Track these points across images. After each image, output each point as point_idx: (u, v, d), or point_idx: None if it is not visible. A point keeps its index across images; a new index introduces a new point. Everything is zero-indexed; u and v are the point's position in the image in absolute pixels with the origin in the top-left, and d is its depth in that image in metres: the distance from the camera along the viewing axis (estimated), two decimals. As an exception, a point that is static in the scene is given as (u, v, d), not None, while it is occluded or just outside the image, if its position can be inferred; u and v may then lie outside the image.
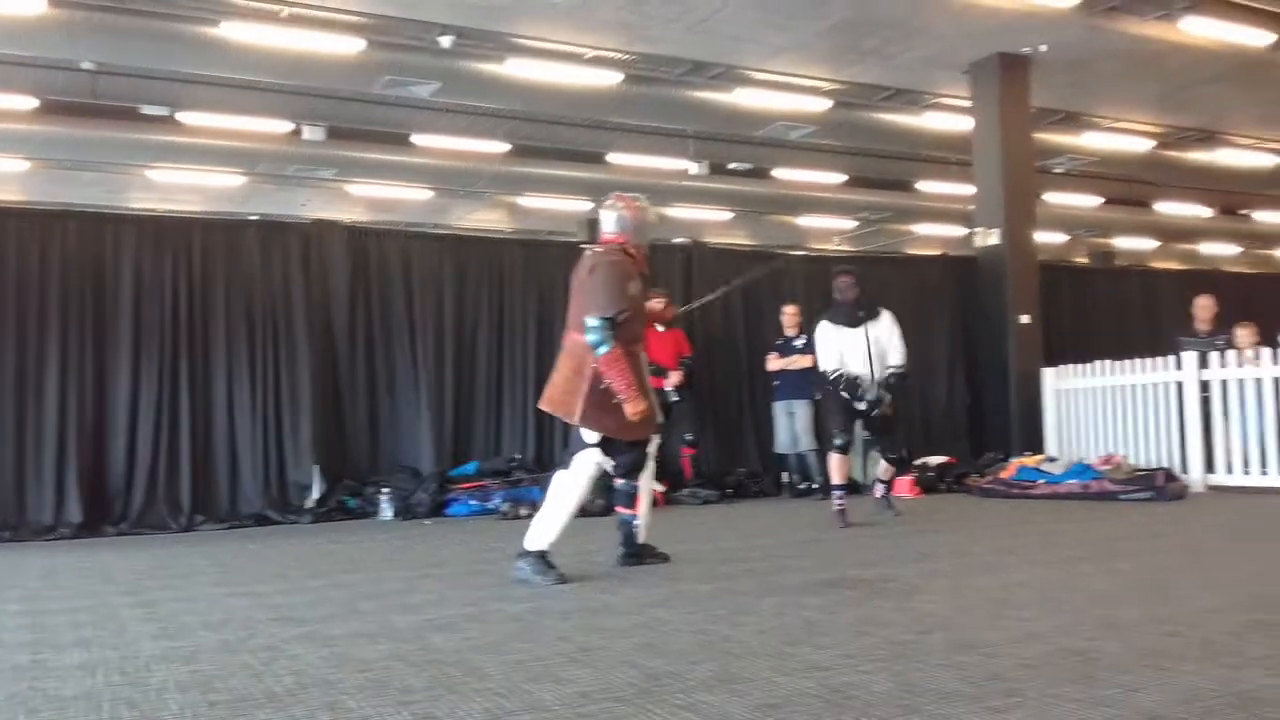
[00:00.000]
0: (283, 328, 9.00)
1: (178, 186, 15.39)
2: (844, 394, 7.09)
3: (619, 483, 5.17)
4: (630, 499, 5.14)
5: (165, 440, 8.43)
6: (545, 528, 4.79)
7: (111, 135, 12.78)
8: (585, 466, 4.89)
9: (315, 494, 8.82)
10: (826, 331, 7.26)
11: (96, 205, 15.09)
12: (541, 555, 4.75)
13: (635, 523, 5.17)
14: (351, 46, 10.74)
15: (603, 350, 4.74)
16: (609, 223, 5.15)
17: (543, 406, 5.05)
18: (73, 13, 9.80)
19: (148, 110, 12.77)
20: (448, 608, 4.13)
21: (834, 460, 7.22)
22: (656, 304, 9.70)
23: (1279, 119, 15.04)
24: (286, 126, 13.63)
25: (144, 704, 2.80)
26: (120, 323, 8.46)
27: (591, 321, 4.76)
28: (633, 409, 4.74)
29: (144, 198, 16.27)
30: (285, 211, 16.72)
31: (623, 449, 4.99)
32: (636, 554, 5.20)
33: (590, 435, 4.89)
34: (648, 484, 5.24)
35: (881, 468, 7.66)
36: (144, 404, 8.42)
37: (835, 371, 7.11)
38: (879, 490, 7.65)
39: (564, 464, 4.97)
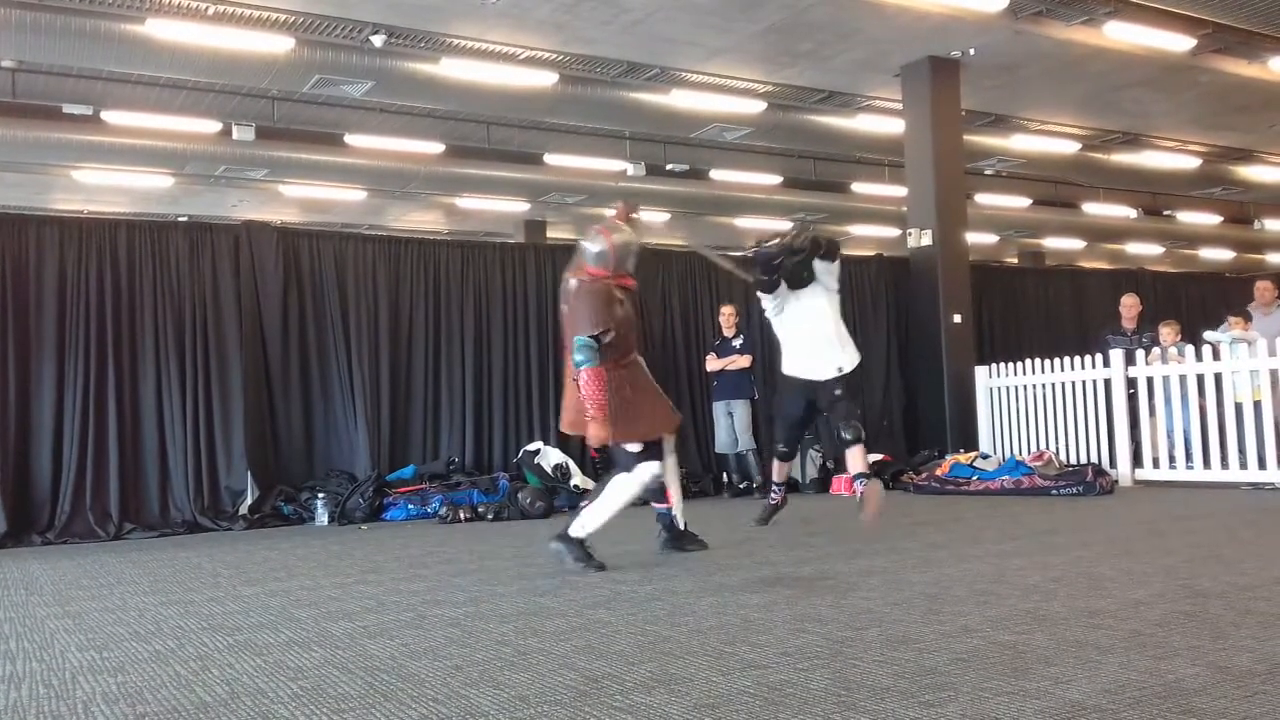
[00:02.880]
0: (213, 331, 8.83)
1: (104, 187, 15.06)
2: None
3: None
4: (660, 493, 5.60)
5: (92, 446, 8.23)
6: (593, 519, 5.10)
7: (33, 135, 12.46)
8: (645, 474, 5.18)
9: (249, 500, 8.67)
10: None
11: (19, 206, 14.76)
12: (581, 543, 5.07)
13: (672, 514, 5.63)
14: (281, 45, 10.57)
15: (586, 366, 5.01)
16: (590, 256, 5.31)
17: (566, 429, 5.62)
18: (-9, 10, 9.55)
19: (70, 109, 12.46)
20: (384, 614, 4.09)
21: (775, 464, 7.10)
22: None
23: (1200, 122, 15.46)
24: (215, 126, 13.38)
25: (70, 717, 2.73)
26: (44, 327, 8.24)
27: (578, 340, 5.05)
28: (596, 430, 5.05)
29: (68, 199, 15.91)
30: (215, 213, 16.48)
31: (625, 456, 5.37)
32: (677, 540, 5.64)
33: (634, 445, 5.20)
34: (673, 476, 5.62)
35: (848, 459, 6.63)
36: (70, 409, 8.22)
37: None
38: (857, 486, 6.42)
39: (626, 467, 5.23)
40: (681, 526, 5.67)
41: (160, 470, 8.50)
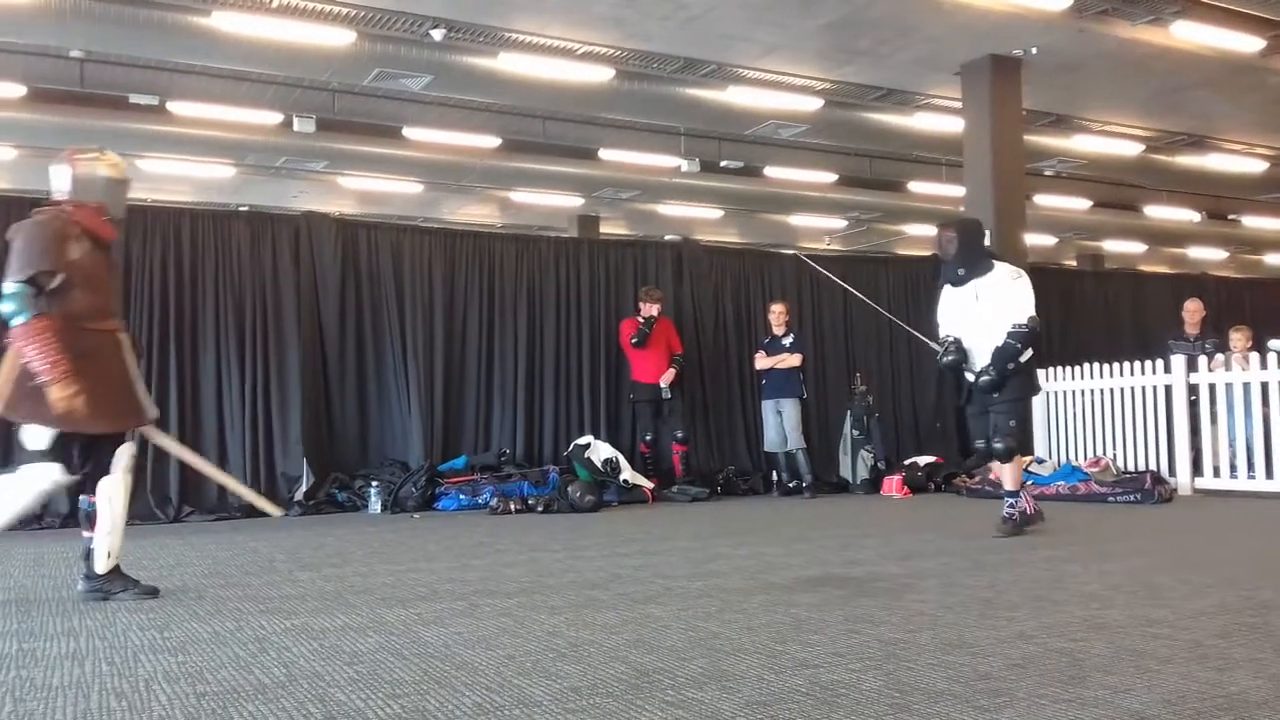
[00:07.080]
0: (272, 320, 8.96)
1: (167, 177, 15.33)
2: (948, 359, 6.26)
3: (81, 500, 4.38)
4: (89, 519, 4.31)
5: (152, 431, 8.37)
6: None
7: (100, 124, 12.69)
8: (38, 480, 4.16)
9: (304, 486, 8.80)
10: (941, 295, 6.50)
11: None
12: None
13: (93, 547, 4.31)
14: (342, 38, 10.70)
15: (18, 321, 4.04)
16: (58, 180, 4.51)
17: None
18: (62, 0, 9.74)
19: (137, 99, 12.70)
20: (437, 602, 4.12)
21: (997, 469, 6.50)
22: (653, 308, 9.75)
23: (1268, 125, 15.11)
24: (277, 118, 13.58)
25: (132, 694, 2.79)
26: (108, 312, 8.40)
27: (7, 288, 4.09)
28: (59, 394, 3.99)
29: (134, 187, 16.18)
30: (276, 203, 16.72)
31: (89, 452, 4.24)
32: (100, 587, 4.31)
33: (38, 437, 4.16)
34: (120, 498, 4.32)
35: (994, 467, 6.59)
36: (131, 394, 8.36)
37: (945, 339, 6.34)
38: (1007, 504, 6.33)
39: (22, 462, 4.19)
40: (102, 568, 4.33)
41: (218, 455, 8.60)
